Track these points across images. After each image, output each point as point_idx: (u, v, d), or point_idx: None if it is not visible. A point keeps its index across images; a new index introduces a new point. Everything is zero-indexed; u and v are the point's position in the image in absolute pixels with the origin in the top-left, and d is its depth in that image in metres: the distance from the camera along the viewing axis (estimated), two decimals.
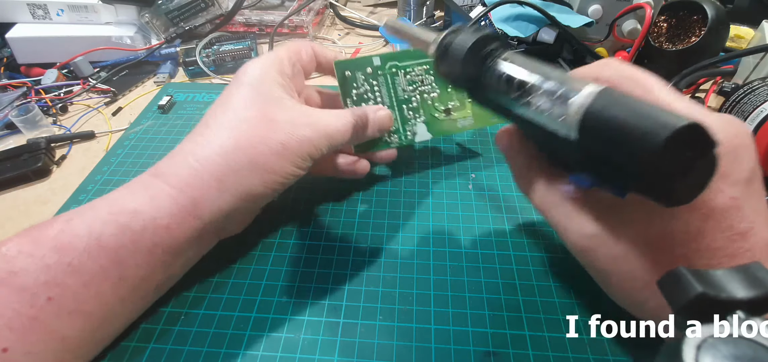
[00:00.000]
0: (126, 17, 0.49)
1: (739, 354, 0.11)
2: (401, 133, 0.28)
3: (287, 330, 0.22)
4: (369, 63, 0.28)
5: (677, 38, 0.40)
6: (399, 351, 0.21)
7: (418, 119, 0.29)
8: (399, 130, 0.28)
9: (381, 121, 0.27)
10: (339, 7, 0.55)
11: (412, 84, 0.28)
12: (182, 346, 0.22)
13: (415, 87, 0.29)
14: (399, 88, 0.28)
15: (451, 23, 0.48)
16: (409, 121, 0.28)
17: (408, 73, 0.28)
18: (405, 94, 0.28)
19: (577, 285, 0.24)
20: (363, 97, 0.27)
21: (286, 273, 0.25)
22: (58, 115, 0.40)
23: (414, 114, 0.29)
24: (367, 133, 0.26)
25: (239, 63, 0.46)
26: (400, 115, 0.28)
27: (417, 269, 0.25)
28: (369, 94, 0.28)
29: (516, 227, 0.27)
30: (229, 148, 0.21)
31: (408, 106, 0.28)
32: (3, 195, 0.33)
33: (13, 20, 0.47)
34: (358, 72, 0.27)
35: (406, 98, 0.28)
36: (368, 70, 0.27)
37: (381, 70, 0.28)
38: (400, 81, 0.28)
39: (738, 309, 0.12)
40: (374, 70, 0.27)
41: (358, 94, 0.27)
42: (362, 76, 0.27)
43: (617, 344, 0.21)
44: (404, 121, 0.28)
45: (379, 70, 0.28)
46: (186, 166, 0.21)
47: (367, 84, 0.27)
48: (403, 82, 0.28)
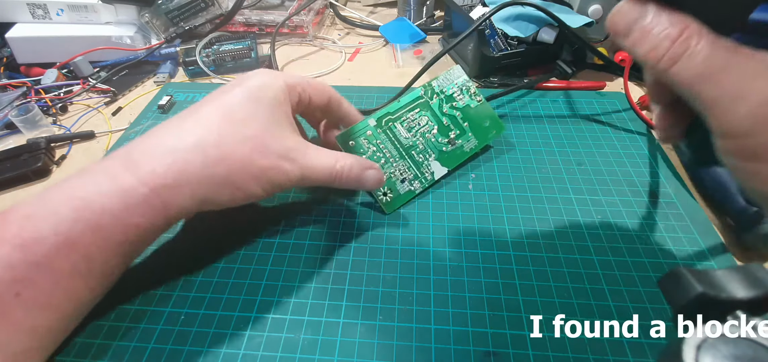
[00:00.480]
0: (126, 17, 0.49)
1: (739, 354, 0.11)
2: (421, 178, 0.28)
3: (287, 330, 0.22)
4: (366, 127, 0.28)
5: None
6: (399, 351, 0.21)
7: (429, 159, 0.29)
8: (417, 175, 0.28)
9: (372, 178, 0.26)
10: (339, 7, 0.55)
11: (411, 129, 0.29)
12: (182, 346, 0.22)
13: (414, 131, 0.29)
14: (400, 137, 0.29)
15: (452, 23, 0.48)
16: (423, 164, 0.29)
17: (404, 122, 0.29)
18: (409, 140, 0.29)
19: (577, 284, 0.24)
20: (374, 159, 0.27)
21: (286, 274, 0.25)
22: (58, 115, 0.40)
23: (424, 155, 0.29)
24: (362, 186, 0.26)
25: (239, 63, 0.46)
26: (413, 161, 0.29)
27: (417, 269, 0.25)
28: (378, 155, 0.28)
29: (516, 227, 0.27)
30: (212, 160, 0.21)
31: (416, 151, 0.29)
32: (3, 195, 0.33)
33: (13, 20, 0.47)
34: (360, 138, 0.28)
35: (412, 144, 0.29)
36: (368, 132, 0.28)
37: (379, 128, 0.28)
38: (399, 131, 0.29)
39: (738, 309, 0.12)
40: (373, 131, 0.28)
41: (368, 157, 0.27)
42: (365, 141, 0.28)
43: (617, 345, 0.21)
44: (418, 165, 0.29)
45: (377, 128, 0.28)
46: (164, 163, 0.21)
47: (372, 145, 0.28)
48: (403, 131, 0.29)
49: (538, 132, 0.35)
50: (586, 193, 0.29)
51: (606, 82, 0.41)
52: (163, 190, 0.20)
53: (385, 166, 0.27)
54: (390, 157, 0.28)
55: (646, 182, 0.30)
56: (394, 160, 0.28)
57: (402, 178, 0.27)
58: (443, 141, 0.30)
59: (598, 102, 0.38)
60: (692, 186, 0.30)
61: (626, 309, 0.22)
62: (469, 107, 0.31)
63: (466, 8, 0.43)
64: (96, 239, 0.20)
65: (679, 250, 0.25)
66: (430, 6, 0.53)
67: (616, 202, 0.29)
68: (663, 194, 0.29)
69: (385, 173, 0.26)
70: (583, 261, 0.25)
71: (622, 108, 0.37)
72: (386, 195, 0.25)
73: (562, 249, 0.26)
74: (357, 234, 0.27)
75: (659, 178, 0.30)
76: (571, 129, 0.35)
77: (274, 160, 0.22)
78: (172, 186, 0.21)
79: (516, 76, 0.42)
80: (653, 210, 0.28)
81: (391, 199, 0.25)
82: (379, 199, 0.26)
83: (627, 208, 0.28)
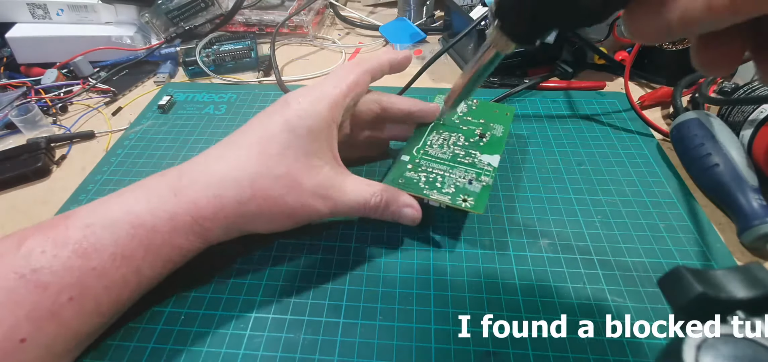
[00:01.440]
0: (126, 17, 0.49)
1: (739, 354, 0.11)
2: (483, 172, 0.27)
3: (287, 330, 0.22)
4: (404, 167, 0.27)
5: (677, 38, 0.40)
6: (399, 351, 0.21)
7: (477, 157, 0.28)
8: (479, 172, 0.27)
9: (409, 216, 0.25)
10: (339, 7, 0.55)
11: (443, 146, 0.29)
12: (182, 346, 0.22)
13: (447, 144, 0.29)
14: (440, 154, 0.28)
15: (452, 23, 0.48)
16: (476, 162, 0.28)
17: (432, 146, 0.29)
18: (448, 153, 0.28)
19: (577, 284, 0.24)
20: (430, 182, 0.26)
21: (286, 273, 0.25)
22: (58, 115, 0.40)
23: (471, 156, 0.28)
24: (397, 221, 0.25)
25: (239, 63, 0.46)
26: (465, 165, 0.27)
27: (417, 269, 0.25)
28: (431, 177, 0.27)
29: (515, 227, 0.27)
30: (246, 197, 0.22)
31: (460, 157, 0.28)
32: (3, 195, 0.33)
33: (13, 20, 0.47)
34: (406, 173, 0.27)
35: (453, 154, 0.28)
36: (409, 167, 0.27)
37: (417, 159, 0.28)
38: (435, 153, 0.28)
39: (738, 309, 0.12)
40: (414, 165, 0.27)
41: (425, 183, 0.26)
42: (411, 175, 0.27)
43: (617, 345, 0.21)
44: (472, 165, 0.27)
45: (415, 159, 0.28)
46: (205, 196, 0.22)
47: (420, 174, 0.27)
48: (438, 152, 0.28)
49: (538, 132, 0.35)
50: (586, 193, 0.29)
51: (606, 82, 0.41)
52: (203, 221, 0.22)
53: (446, 180, 0.26)
54: (443, 171, 0.27)
55: (646, 182, 0.30)
56: (450, 171, 0.27)
57: (468, 180, 0.26)
58: (474, 140, 0.29)
59: (598, 102, 0.38)
60: (692, 186, 0.30)
61: (626, 309, 0.22)
62: (473, 108, 0.32)
63: (466, 8, 0.43)
64: (146, 255, 0.21)
65: (679, 250, 0.25)
66: (430, 6, 0.53)
67: (616, 202, 0.29)
68: (663, 194, 0.29)
69: (451, 186, 0.26)
70: (583, 261, 0.25)
71: (622, 108, 0.37)
72: (466, 202, 0.25)
73: (562, 249, 0.26)
74: (357, 234, 0.27)
75: (659, 177, 0.30)
76: (571, 129, 0.35)
77: (306, 199, 0.23)
78: (210, 218, 0.22)
79: (516, 76, 0.42)
80: (653, 210, 0.28)
81: (473, 203, 0.25)
82: (464, 208, 0.25)
83: (627, 208, 0.28)
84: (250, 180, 0.22)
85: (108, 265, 0.20)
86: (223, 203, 0.22)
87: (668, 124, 0.36)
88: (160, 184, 0.22)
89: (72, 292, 0.19)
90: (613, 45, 0.43)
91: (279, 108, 0.24)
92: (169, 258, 0.22)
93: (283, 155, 0.22)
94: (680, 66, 0.39)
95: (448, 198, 0.25)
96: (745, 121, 0.29)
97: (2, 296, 0.18)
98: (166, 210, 0.21)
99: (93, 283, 0.20)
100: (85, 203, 0.22)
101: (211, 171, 0.22)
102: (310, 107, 0.23)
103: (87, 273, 0.19)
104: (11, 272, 0.18)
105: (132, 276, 0.21)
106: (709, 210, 0.28)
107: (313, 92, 0.24)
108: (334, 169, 0.24)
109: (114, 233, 0.20)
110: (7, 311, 0.18)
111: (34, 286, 0.18)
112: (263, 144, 0.23)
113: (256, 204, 0.22)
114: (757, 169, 0.28)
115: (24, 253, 0.19)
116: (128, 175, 0.33)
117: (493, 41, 0.17)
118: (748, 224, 0.25)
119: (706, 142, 0.29)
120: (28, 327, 0.18)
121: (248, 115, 0.39)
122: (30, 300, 0.18)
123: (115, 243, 0.20)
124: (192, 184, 0.22)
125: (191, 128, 0.37)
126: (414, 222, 0.25)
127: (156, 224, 0.21)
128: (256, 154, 0.22)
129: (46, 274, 0.19)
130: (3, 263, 0.19)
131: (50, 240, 0.19)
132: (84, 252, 0.19)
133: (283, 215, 0.23)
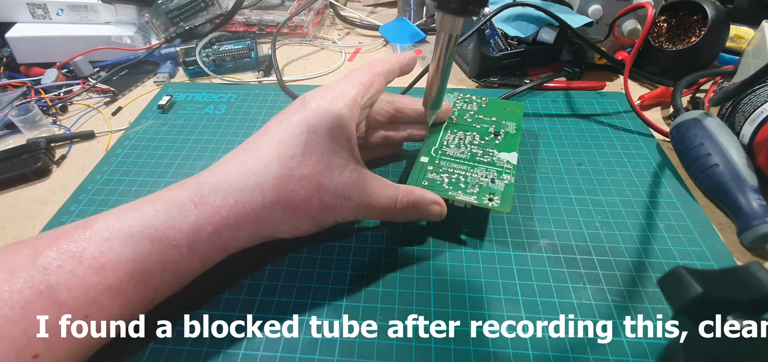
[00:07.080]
0: (126, 17, 0.49)
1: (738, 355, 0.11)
2: (504, 170, 0.27)
3: (287, 331, 0.22)
4: (424, 168, 0.27)
5: (677, 38, 0.40)
6: (399, 351, 0.21)
7: (495, 155, 0.28)
8: (500, 170, 0.27)
9: (436, 212, 0.25)
10: (339, 7, 0.55)
11: (459, 146, 0.29)
12: (182, 346, 0.22)
13: (463, 143, 0.29)
14: (458, 153, 0.28)
15: None
16: (495, 160, 0.28)
17: (449, 146, 0.29)
18: (465, 153, 0.28)
19: (576, 285, 0.24)
20: (452, 182, 0.26)
21: (286, 273, 0.25)
22: (58, 115, 0.40)
23: (489, 155, 0.28)
24: (424, 219, 0.25)
25: (239, 63, 0.46)
26: (485, 163, 0.27)
27: (417, 269, 0.25)
28: (454, 178, 0.26)
29: (515, 227, 0.27)
30: (270, 201, 0.21)
31: (479, 156, 0.28)
32: (3, 195, 0.33)
33: (13, 20, 0.47)
34: (430, 175, 0.26)
35: (471, 154, 0.28)
36: (430, 168, 0.27)
37: (436, 159, 0.28)
38: (453, 153, 0.28)
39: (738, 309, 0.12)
40: (434, 166, 0.27)
41: (449, 183, 0.26)
42: (433, 177, 0.26)
43: (617, 345, 0.21)
44: (492, 163, 0.27)
45: (434, 160, 0.28)
46: (227, 203, 0.21)
47: (442, 175, 0.27)
48: (456, 152, 0.28)
49: (538, 132, 0.35)
50: (586, 193, 0.29)
51: (606, 82, 0.41)
52: (225, 230, 0.21)
53: (468, 180, 0.26)
54: (464, 171, 0.27)
55: (646, 182, 0.30)
56: (471, 171, 0.27)
57: (491, 179, 0.26)
58: (490, 139, 0.29)
59: (598, 102, 0.38)
60: (692, 186, 0.30)
61: (626, 309, 0.22)
62: (483, 107, 0.32)
63: None
64: (165, 273, 0.20)
65: (679, 250, 0.25)
66: (430, 6, 0.53)
67: (616, 202, 0.29)
68: (663, 194, 0.29)
69: (475, 186, 0.25)
70: (583, 261, 0.25)
71: (622, 108, 0.37)
72: (492, 201, 0.25)
73: (562, 249, 0.26)
74: (357, 234, 0.27)
75: (659, 177, 0.30)
76: (571, 129, 0.35)
77: (329, 200, 0.22)
78: (233, 226, 0.21)
79: (516, 76, 0.42)
80: (653, 210, 0.28)
81: (499, 202, 0.24)
82: (491, 207, 0.25)
83: (627, 208, 0.28)
84: (273, 185, 0.21)
85: (124, 284, 0.19)
86: (246, 209, 0.21)
87: (668, 123, 0.36)
88: (180, 195, 0.21)
89: (87, 311, 0.18)
90: (613, 45, 0.43)
91: (297, 108, 0.23)
92: (187, 273, 0.21)
93: (304, 156, 0.22)
94: (680, 66, 0.39)
95: (473, 198, 0.25)
96: (745, 121, 0.29)
97: (17, 312, 0.17)
98: (187, 223, 0.20)
99: (108, 303, 0.19)
100: (85, 203, 0.22)
101: (231, 177, 0.22)
102: (329, 106, 0.23)
103: (102, 292, 0.19)
104: (27, 288, 0.18)
105: (148, 294, 0.20)
106: (709, 210, 0.28)
107: (331, 91, 0.24)
108: (356, 169, 0.23)
109: (133, 249, 0.19)
110: (21, 330, 0.17)
111: (49, 304, 0.18)
112: (284, 146, 0.22)
113: (280, 209, 0.22)
114: (757, 169, 0.28)
115: (40, 266, 0.18)
116: (128, 174, 0.33)
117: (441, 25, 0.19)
118: (748, 224, 0.25)
119: (706, 142, 0.29)
120: (41, 346, 0.17)
121: (248, 115, 0.39)
122: (45, 317, 0.17)
123: (134, 260, 0.19)
124: (213, 193, 0.21)
125: (191, 128, 0.37)
126: (440, 218, 0.25)
127: (176, 238, 0.20)
128: (277, 156, 0.22)
129: (63, 292, 0.18)
130: (19, 276, 0.18)
131: (67, 254, 0.19)
132: (101, 268, 0.19)
133: (308, 218, 0.22)
